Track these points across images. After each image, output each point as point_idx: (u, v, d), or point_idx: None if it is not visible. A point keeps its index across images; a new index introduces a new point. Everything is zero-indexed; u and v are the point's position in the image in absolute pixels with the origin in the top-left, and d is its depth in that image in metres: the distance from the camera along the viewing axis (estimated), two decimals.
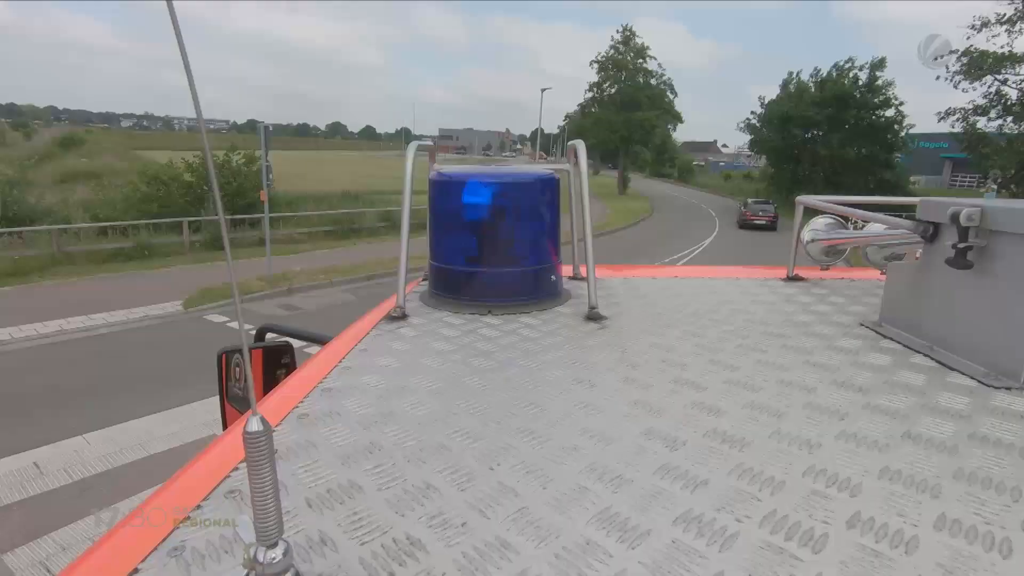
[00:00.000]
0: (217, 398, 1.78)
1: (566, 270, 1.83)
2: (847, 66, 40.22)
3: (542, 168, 1.63)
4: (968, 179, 46.85)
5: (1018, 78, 27.56)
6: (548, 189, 1.59)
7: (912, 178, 44.43)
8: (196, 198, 18.82)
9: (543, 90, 30.83)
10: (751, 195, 39.75)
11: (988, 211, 1.09)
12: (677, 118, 57.20)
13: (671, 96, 57.19)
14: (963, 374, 1.08)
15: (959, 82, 28.28)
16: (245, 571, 0.50)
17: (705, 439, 0.82)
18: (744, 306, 1.59)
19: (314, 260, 16.12)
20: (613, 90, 54.17)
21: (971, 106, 28.69)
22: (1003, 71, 27.26)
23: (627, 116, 51.47)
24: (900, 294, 1.35)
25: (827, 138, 39.31)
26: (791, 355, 1.19)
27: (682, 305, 1.59)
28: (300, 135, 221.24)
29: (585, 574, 0.55)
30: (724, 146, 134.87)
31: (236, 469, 0.72)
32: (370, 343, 1.25)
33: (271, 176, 13.29)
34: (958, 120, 29.69)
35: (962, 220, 1.09)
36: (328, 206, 23.42)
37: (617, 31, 53.54)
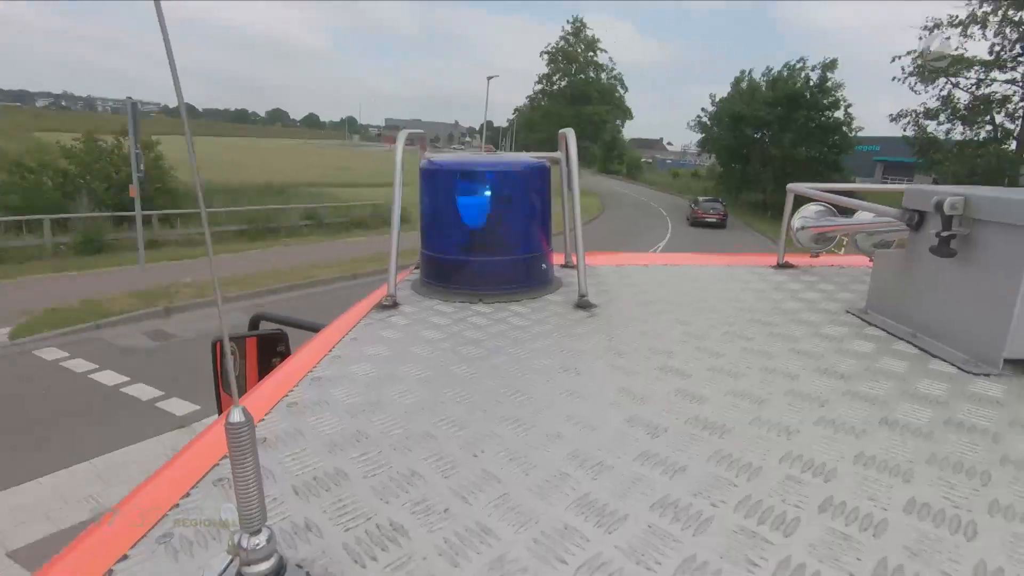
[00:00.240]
0: None
1: (558, 258, 1.87)
2: (798, 66, 40.15)
3: (532, 157, 1.66)
4: (899, 182, 48.71)
5: (968, 82, 27.50)
6: (539, 178, 1.59)
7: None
8: (75, 190, 15.66)
9: (489, 78, 28.62)
10: (700, 193, 39.68)
11: (971, 200, 1.09)
12: (627, 113, 56.42)
13: (621, 91, 56.26)
14: (944, 361, 1.10)
15: (914, 84, 27.98)
16: (230, 557, 0.52)
17: (687, 426, 0.84)
18: (734, 293, 1.61)
19: (215, 268, 13.75)
20: (563, 83, 52.93)
21: (922, 109, 28.57)
22: (955, 75, 27.10)
23: (577, 110, 49.99)
24: (886, 281, 1.37)
25: (778, 138, 39.05)
26: (777, 342, 1.21)
27: (672, 293, 1.61)
28: (238, 121, 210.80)
29: (562, 558, 0.56)
30: (669, 144, 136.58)
31: (225, 457, 0.71)
32: (360, 332, 1.25)
33: (143, 166, 11.04)
34: (909, 123, 29.53)
35: (946, 209, 1.10)
36: (248, 201, 20.45)
37: (568, 21, 52.92)
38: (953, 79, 27.41)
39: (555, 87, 53.79)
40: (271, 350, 1.72)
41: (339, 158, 62.39)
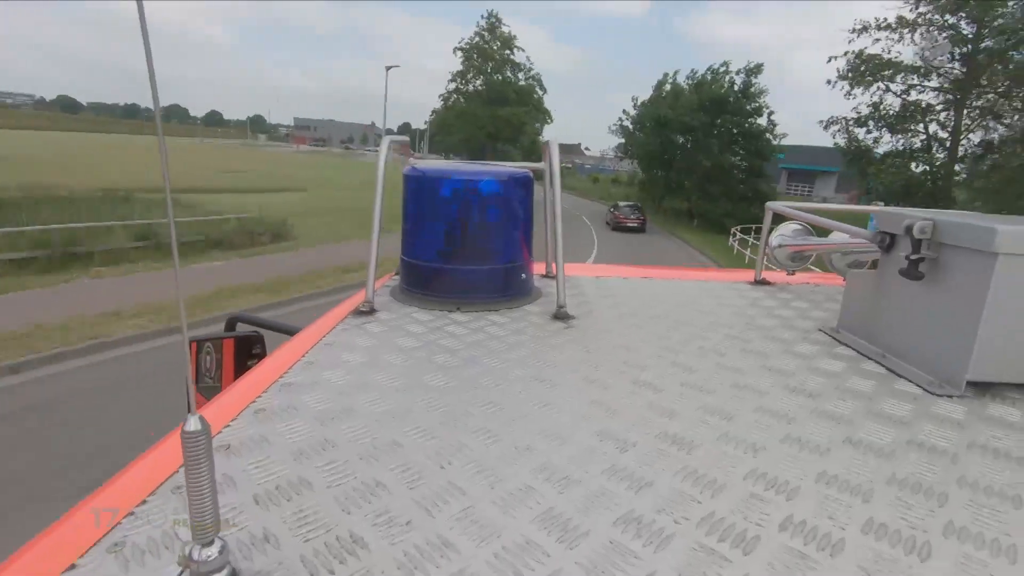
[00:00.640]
0: None
1: (539, 268, 1.86)
2: (722, 70, 38.73)
3: (515, 167, 1.65)
4: (802, 188, 48.93)
5: (899, 88, 26.30)
6: (522, 187, 1.59)
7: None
8: None
9: (388, 68, 24.62)
10: (621, 199, 39.30)
11: (939, 224, 1.11)
12: (547, 116, 53.32)
13: (540, 92, 53.04)
14: (910, 381, 1.11)
15: (844, 88, 26.50)
16: (180, 568, 0.51)
17: (655, 441, 0.83)
18: (710, 309, 1.61)
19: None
20: (478, 81, 49.55)
21: (854, 115, 27.21)
22: (884, 79, 25.82)
23: (494, 111, 46.73)
24: (857, 301, 1.38)
25: (705, 144, 37.36)
26: (749, 359, 1.21)
27: (649, 306, 1.61)
28: (129, 117, 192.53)
29: (521, 573, 0.56)
30: (587, 149, 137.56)
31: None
32: (336, 337, 1.24)
33: None
34: (839, 131, 28.17)
35: (915, 232, 1.12)
36: (70, 215, 15.40)
37: (482, 16, 48.89)
38: (884, 84, 26.14)
39: (470, 87, 50.57)
40: (247, 352, 1.67)
41: (233, 159, 56.18)
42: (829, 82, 26.85)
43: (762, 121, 37.91)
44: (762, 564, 0.59)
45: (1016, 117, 22.96)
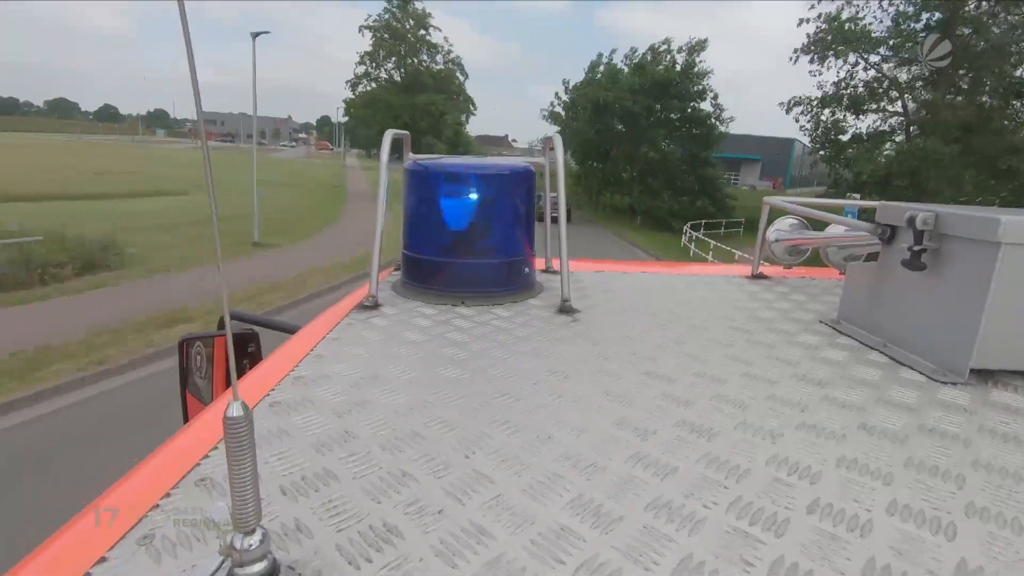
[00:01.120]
0: None
1: (539, 263, 1.85)
2: (663, 48, 34.31)
3: (518, 161, 1.63)
4: (729, 176, 46.34)
5: (873, 60, 22.85)
6: (523, 181, 1.58)
7: None
8: None
9: (255, 35, 18.49)
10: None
11: (942, 216, 1.12)
12: (469, 102, 47.32)
13: (461, 78, 46.85)
14: (914, 370, 1.13)
15: (806, 61, 23.01)
16: (221, 558, 0.50)
17: (674, 429, 0.84)
18: (711, 302, 1.61)
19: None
20: (390, 64, 43.01)
21: (821, 93, 23.93)
22: (858, 50, 22.28)
23: (410, 99, 40.57)
24: (858, 293, 1.39)
25: (647, 132, 33.10)
26: (755, 349, 1.22)
27: (652, 300, 1.61)
28: (7, 112, 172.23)
29: (560, 558, 0.56)
30: (514, 141, 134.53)
31: (207, 457, 0.71)
32: (342, 332, 1.23)
33: None
34: (804, 112, 24.75)
35: (918, 224, 1.13)
36: None
37: None
38: (857, 55, 22.66)
39: (382, 71, 44.23)
40: (242, 350, 1.61)
41: (118, 158, 47.48)
42: (792, 57, 23.57)
43: (705, 106, 34.34)
44: (796, 546, 0.59)
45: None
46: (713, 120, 34.23)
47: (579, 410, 0.89)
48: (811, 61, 23.75)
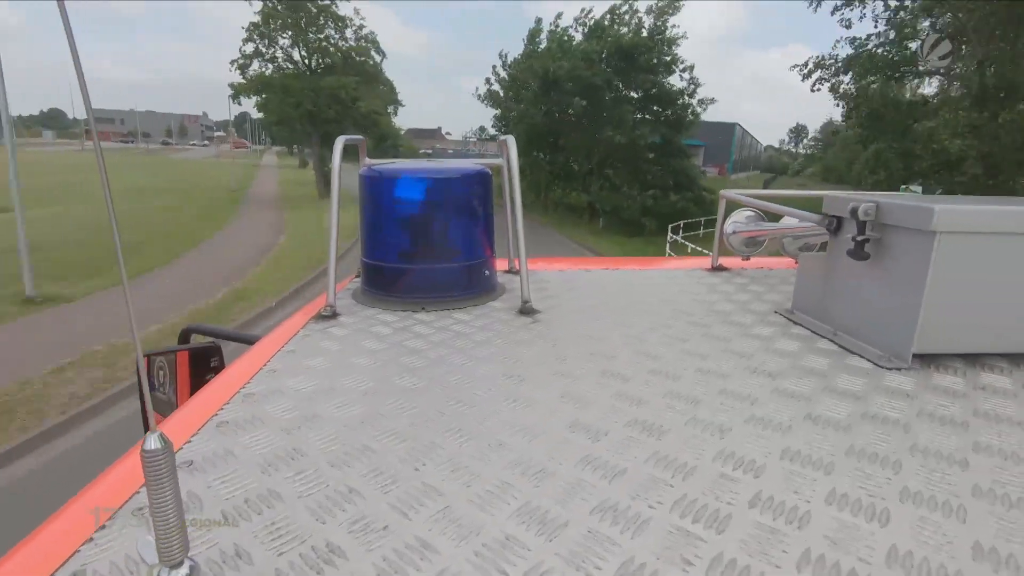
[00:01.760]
0: None
1: (501, 264, 1.85)
2: (624, 9, 27.32)
3: (474, 163, 1.62)
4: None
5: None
6: (480, 184, 1.57)
7: None
8: None
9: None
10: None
11: (882, 206, 1.15)
12: (390, 89, 37.17)
13: (377, 57, 35.82)
14: (861, 357, 1.16)
15: (836, 9, 17.63)
16: None
17: (626, 429, 0.85)
18: (671, 296, 1.63)
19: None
20: (286, 40, 33.30)
21: (843, 52, 18.74)
22: None
23: (314, 82, 31.71)
24: (809, 283, 1.42)
25: (613, 111, 26.72)
26: (711, 343, 1.24)
27: (612, 297, 1.62)
28: None
29: (504, 569, 0.56)
30: (448, 133, 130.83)
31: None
32: (298, 344, 1.21)
33: None
34: (826, 78, 19.10)
35: (860, 215, 1.16)
36: None
37: None
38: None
39: (277, 49, 33.72)
40: (204, 364, 1.59)
41: None
42: (811, 3, 18.59)
43: (675, 80, 28.30)
44: (735, 541, 0.61)
45: None
46: (687, 98, 28.42)
47: (533, 414, 0.89)
48: (838, 10, 18.05)
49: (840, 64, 19.39)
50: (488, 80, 31.40)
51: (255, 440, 0.81)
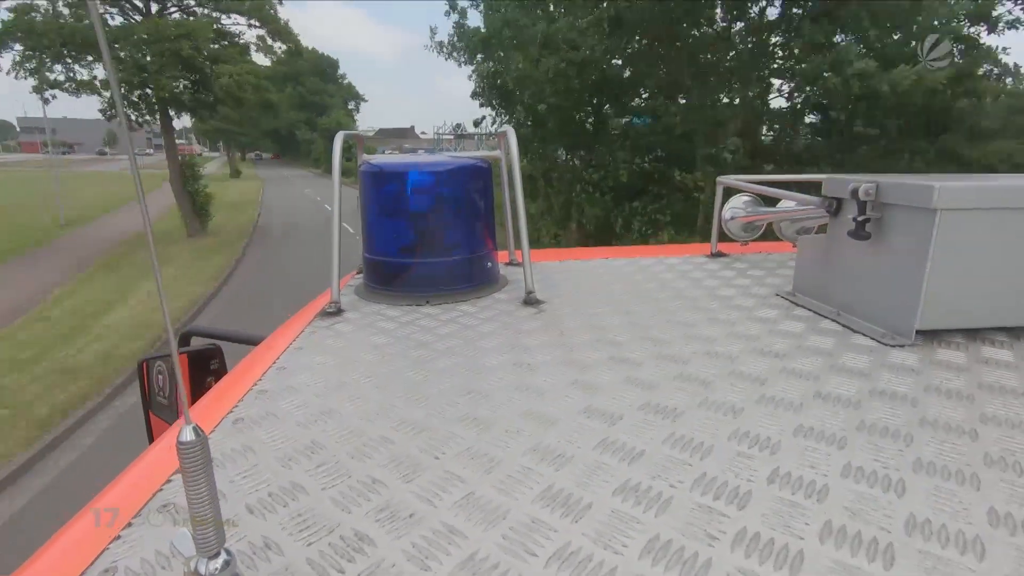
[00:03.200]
0: None
1: (502, 256, 1.88)
2: None
3: (474, 156, 1.61)
4: None
5: None
6: (480, 177, 1.56)
7: None
8: None
9: None
10: None
11: (882, 186, 1.16)
12: (290, 39, 20.80)
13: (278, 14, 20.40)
14: (865, 335, 1.18)
15: None
16: None
17: (640, 412, 0.86)
18: (672, 283, 1.64)
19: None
20: None
21: None
22: None
23: (129, 32, 17.12)
24: (810, 265, 1.44)
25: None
26: (716, 327, 1.25)
27: (614, 285, 1.64)
28: None
29: (531, 551, 0.57)
30: (423, 132, 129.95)
31: (168, 482, 0.70)
32: (305, 341, 1.21)
33: None
34: None
35: (860, 195, 1.17)
36: None
37: None
38: None
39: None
40: (205, 367, 1.59)
41: None
42: None
43: None
44: (757, 516, 0.62)
45: None
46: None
47: (546, 401, 0.90)
48: None
49: None
50: (453, 19, 14.76)
51: (272, 436, 0.81)
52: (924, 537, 0.59)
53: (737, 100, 12.63)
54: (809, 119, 13.42)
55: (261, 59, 29.56)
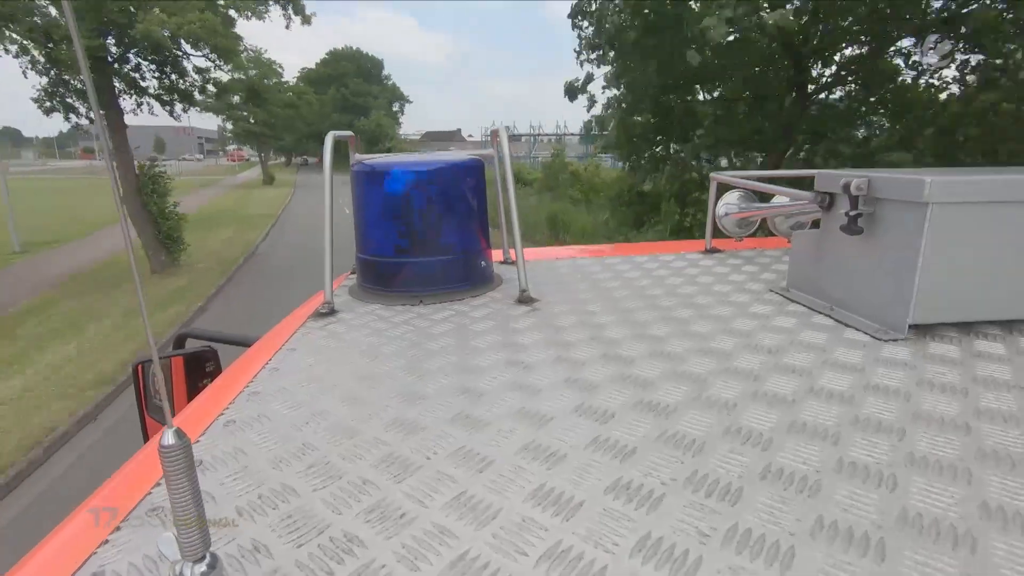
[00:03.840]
0: None
1: (496, 255, 1.87)
2: None
3: (466, 154, 1.63)
4: None
5: None
6: (473, 175, 1.57)
7: None
8: None
9: None
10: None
11: (874, 181, 1.17)
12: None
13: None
14: (858, 330, 1.18)
15: None
16: None
17: (633, 410, 0.86)
18: (667, 280, 1.64)
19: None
20: None
21: None
22: None
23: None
24: (804, 260, 1.43)
25: None
26: (710, 323, 1.25)
27: (610, 282, 1.64)
28: None
29: (522, 550, 0.57)
30: (469, 136, 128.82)
31: (158, 485, 0.70)
32: (298, 342, 1.21)
33: None
34: None
35: (852, 190, 1.17)
36: None
37: None
38: None
39: None
40: (200, 370, 1.59)
41: None
42: None
43: None
44: (750, 512, 0.62)
45: None
46: None
47: (539, 400, 0.90)
48: None
49: None
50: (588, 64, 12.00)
51: (263, 438, 0.81)
52: (916, 530, 0.59)
53: None
54: None
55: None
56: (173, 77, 14.67)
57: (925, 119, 8.96)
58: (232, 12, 13.98)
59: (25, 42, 12.16)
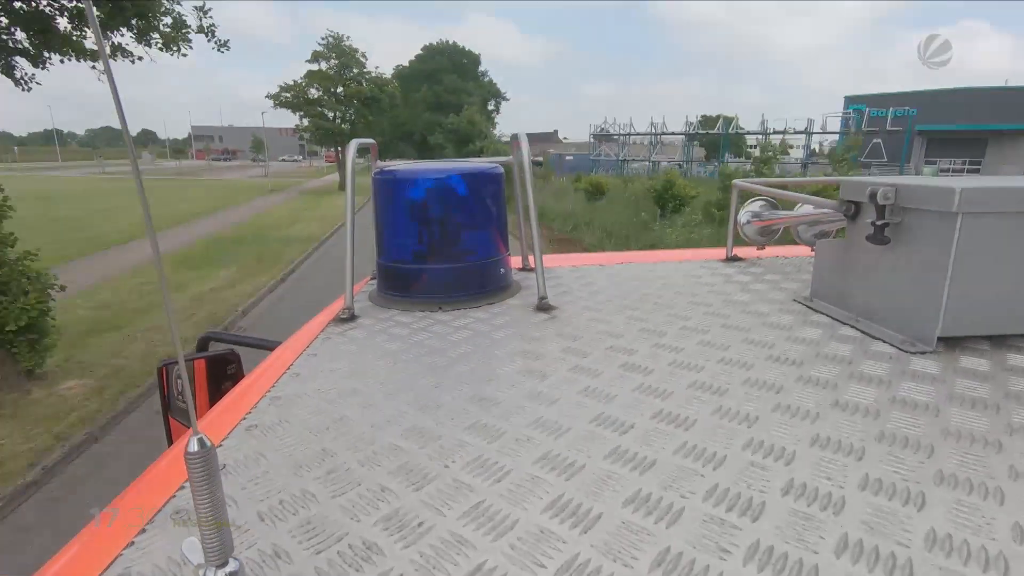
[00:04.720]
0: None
1: (515, 261, 1.88)
2: None
3: (486, 162, 1.62)
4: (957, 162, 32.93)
5: None
6: (493, 182, 1.57)
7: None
8: None
9: None
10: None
11: (901, 189, 1.13)
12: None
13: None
14: (884, 342, 1.15)
15: None
16: None
17: (652, 421, 0.85)
18: (687, 288, 1.63)
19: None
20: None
21: None
22: None
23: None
24: (828, 270, 1.41)
25: None
26: (731, 334, 1.23)
27: (629, 291, 1.62)
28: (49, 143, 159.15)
29: (540, 562, 0.57)
30: (565, 138, 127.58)
31: (182, 488, 0.71)
32: (319, 347, 1.23)
33: None
34: None
35: (879, 199, 1.14)
36: None
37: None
38: None
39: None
40: (221, 372, 1.61)
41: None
42: None
43: None
44: (771, 528, 0.61)
45: None
46: None
47: (557, 409, 0.90)
48: None
49: None
50: None
51: (285, 443, 0.82)
52: (944, 553, 0.57)
53: None
54: None
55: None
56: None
57: None
58: None
59: None
